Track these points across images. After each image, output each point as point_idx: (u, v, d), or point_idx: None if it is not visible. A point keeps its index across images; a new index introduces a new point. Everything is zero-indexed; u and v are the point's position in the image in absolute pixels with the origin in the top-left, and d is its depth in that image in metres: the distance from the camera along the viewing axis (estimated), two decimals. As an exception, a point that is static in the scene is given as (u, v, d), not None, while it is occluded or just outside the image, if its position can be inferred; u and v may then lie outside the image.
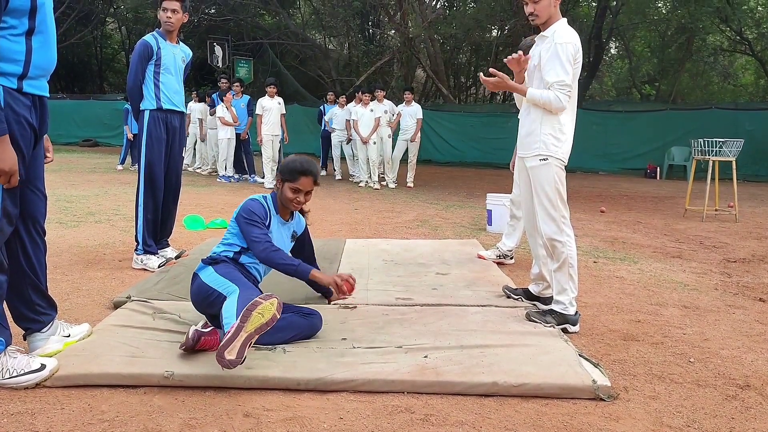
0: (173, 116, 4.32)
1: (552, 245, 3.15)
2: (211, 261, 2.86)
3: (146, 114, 4.22)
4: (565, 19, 3.15)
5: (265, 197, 2.96)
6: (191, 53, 4.52)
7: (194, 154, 12.78)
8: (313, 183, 2.92)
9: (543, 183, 3.14)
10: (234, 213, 2.94)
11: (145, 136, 4.23)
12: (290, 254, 3.01)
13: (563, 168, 3.17)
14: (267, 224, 2.88)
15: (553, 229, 3.13)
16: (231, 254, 2.89)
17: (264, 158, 10.01)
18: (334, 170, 11.99)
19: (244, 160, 11.16)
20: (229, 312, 2.47)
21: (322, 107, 12.96)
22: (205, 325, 2.68)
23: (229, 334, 2.25)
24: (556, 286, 3.18)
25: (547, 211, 3.14)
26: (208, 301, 2.73)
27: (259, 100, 10.08)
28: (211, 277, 2.76)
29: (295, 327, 2.75)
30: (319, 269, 2.93)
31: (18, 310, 2.53)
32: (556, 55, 3.03)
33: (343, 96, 11.82)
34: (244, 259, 2.91)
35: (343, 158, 11.86)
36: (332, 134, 11.67)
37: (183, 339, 2.58)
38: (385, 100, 10.60)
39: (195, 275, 2.85)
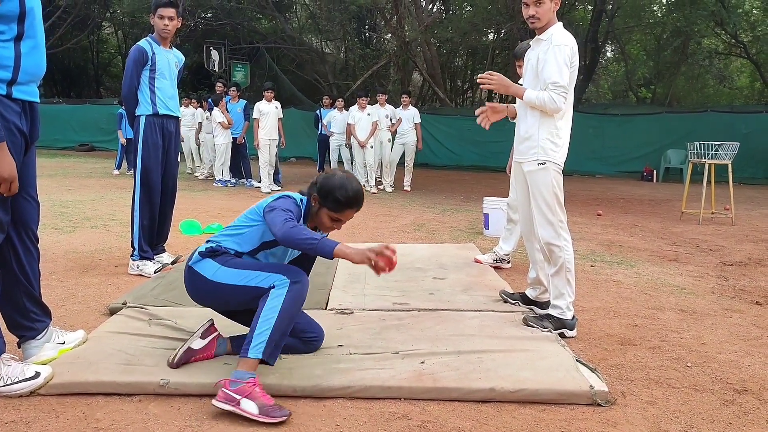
0: (169, 121, 4.32)
1: (549, 249, 3.14)
2: (211, 252, 2.51)
3: (142, 119, 4.21)
4: (561, 23, 3.15)
5: (302, 200, 2.58)
6: (184, 58, 4.52)
7: (193, 159, 12.77)
8: (356, 212, 2.58)
9: (540, 187, 3.14)
10: (262, 203, 2.54)
11: (141, 142, 4.22)
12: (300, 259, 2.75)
13: (560, 172, 3.17)
14: None
15: (550, 234, 3.13)
16: (233, 252, 2.53)
17: (261, 162, 10.00)
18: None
19: (241, 165, 11.15)
20: (269, 314, 2.25)
21: (318, 111, 12.96)
22: (206, 333, 2.59)
23: (241, 396, 2.13)
24: (553, 291, 3.18)
25: (544, 215, 3.14)
26: (234, 301, 2.47)
27: (257, 104, 10.08)
28: (222, 273, 2.43)
29: (293, 351, 2.65)
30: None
31: (12, 318, 2.51)
32: (552, 57, 3.03)
33: (341, 99, 11.80)
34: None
35: (340, 162, 11.86)
36: (330, 138, 11.67)
37: (178, 345, 2.55)
38: (387, 105, 10.61)
39: (192, 270, 2.51)
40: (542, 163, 3.12)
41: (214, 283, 2.45)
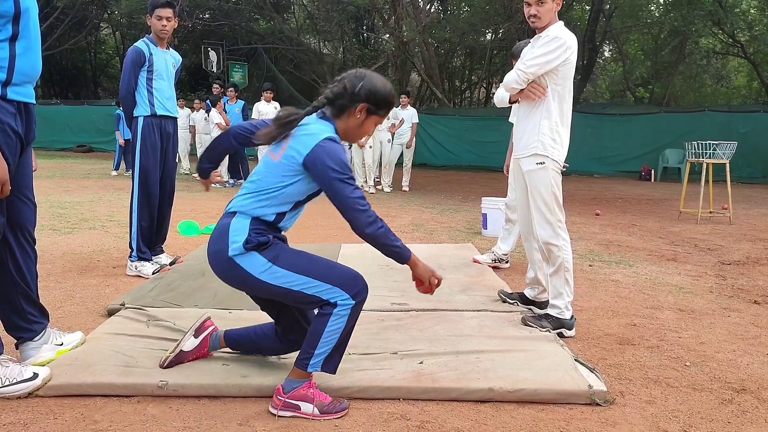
0: (167, 122, 4.31)
1: (548, 249, 3.14)
2: (258, 245, 2.17)
3: (140, 121, 4.20)
4: (562, 23, 3.15)
5: (335, 136, 2.24)
6: (180, 59, 4.52)
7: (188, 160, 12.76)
8: None
9: (539, 186, 3.14)
10: (296, 155, 2.18)
11: (139, 143, 4.21)
12: None
13: (560, 172, 3.17)
14: None
15: (549, 233, 3.13)
16: (273, 217, 2.22)
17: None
18: None
19: (240, 166, 11.14)
20: (332, 335, 2.16)
21: None
22: (199, 330, 2.56)
23: (300, 401, 2.17)
24: (551, 291, 3.18)
25: (543, 215, 3.14)
26: (283, 300, 2.28)
27: (256, 104, 10.10)
28: (273, 273, 2.17)
29: (272, 353, 2.60)
30: None
31: (9, 320, 2.51)
32: (540, 45, 3.05)
33: None
34: (284, 223, 2.28)
35: None
36: None
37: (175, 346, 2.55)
38: None
39: (234, 263, 2.18)
40: (541, 163, 3.12)
41: (262, 282, 2.19)
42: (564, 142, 3.16)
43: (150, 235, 4.34)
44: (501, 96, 3.31)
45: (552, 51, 2.99)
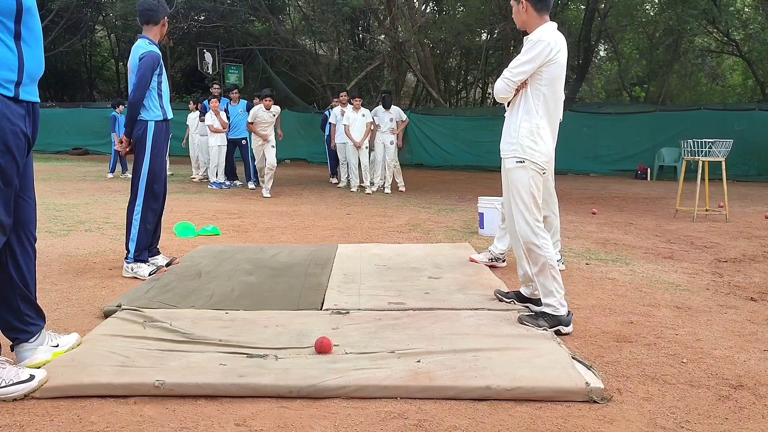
0: (168, 124, 4.36)
1: (528, 249, 3.15)
2: None
3: (152, 125, 4.16)
4: (551, 24, 3.16)
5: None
6: None
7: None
8: None
9: (518, 186, 3.15)
10: None
11: (149, 148, 4.17)
12: None
13: (540, 172, 3.17)
14: None
15: (528, 233, 3.14)
16: None
17: (268, 165, 10.08)
18: (338, 178, 11.77)
19: (250, 166, 11.03)
20: None
21: (327, 112, 12.72)
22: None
23: None
24: (542, 290, 3.18)
25: (522, 214, 3.15)
26: None
27: (253, 109, 10.07)
28: None
29: None
30: None
31: (6, 321, 2.50)
32: (523, 50, 3.11)
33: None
34: None
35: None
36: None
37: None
38: (393, 106, 10.56)
39: None
40: (521, 161, 3.13)
41: None
42: (546, 143, 3.15)
43: (151, 237, 4.35)
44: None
45: (537, 55, 3.04)
